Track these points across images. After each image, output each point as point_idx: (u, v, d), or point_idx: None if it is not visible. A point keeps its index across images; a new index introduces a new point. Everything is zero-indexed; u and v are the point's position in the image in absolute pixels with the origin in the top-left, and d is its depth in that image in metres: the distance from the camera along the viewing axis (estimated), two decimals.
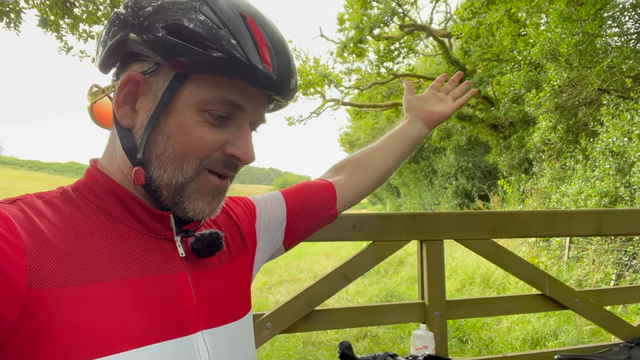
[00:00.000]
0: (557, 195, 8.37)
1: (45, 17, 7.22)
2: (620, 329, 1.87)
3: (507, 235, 1.82)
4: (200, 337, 0.64)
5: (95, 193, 0.64)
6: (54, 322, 0.50)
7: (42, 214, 0.57)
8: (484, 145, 16.24)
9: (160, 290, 0.61)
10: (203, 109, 0.62)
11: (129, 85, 0.63)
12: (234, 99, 0.62)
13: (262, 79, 0.61)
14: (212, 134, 0.63)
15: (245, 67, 0.59)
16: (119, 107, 0.65)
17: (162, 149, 0.62)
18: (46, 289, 0.51)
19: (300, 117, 20.21)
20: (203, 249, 0.68)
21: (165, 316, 0.60)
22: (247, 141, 0.66)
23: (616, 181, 6.57)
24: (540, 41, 8.19)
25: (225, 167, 0.66)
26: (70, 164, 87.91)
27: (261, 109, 0.68)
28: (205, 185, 0.65)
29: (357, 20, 14.04)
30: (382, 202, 40.68)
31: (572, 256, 7.10)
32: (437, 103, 1.19)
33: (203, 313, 0.66)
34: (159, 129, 0.62)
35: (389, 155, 1.11)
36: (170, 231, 0.67)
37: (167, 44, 0.58)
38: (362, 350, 4.36)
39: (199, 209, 0.65)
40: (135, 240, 0.63)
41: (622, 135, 6.55)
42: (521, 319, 4.78)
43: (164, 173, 0.63)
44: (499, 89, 12.51)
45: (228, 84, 0.62)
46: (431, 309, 1.66)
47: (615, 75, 7.54)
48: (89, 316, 0.53)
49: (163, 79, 0.62)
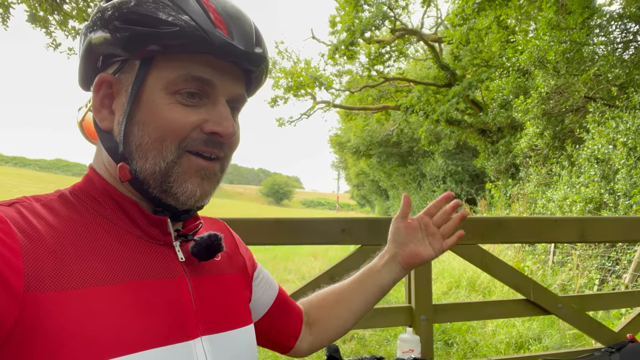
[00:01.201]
0: (542, 200, 8.48)
1: (34, 13, 7.14)
2: (602, 334, 1.91)
3: (494, 241, 1.85)
4: (199, 343, 0.63)
5: (93, 197, 0.64)
6: (51, 325, 0.50)
7: (40, 216, 0.57)
8: (472, 149, 16.38)
9: (159, 294, 0.61)
10: (172, 90, 0.62)
11: (103, 88, 0.65)
12: (199, 74, 0.62)
13: (221, 47, 0.60)
14: (185, 114, 0.62)
15: (199, 37, 0.59)
16: (97, 112, 0.66)
17: (139, 138, 0.62)
18: (44, 292, 0.51)
19: (290, 118, 20.17)
20: (202, 251, 0.68)
21: (163, 321, 0.60)
22: (224, 115, 0.64)
23: (601, 188, 6.68)
24: (529, 48, 8.30)
25: (207, 145, 0.64)
26: (57, 161, 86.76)
27: (233, 82, 0.66)
28: (189, 167, 0.64)
29: (348, 23, 14.07)
30: (370, 205, 40.81)
31: (556, 261, 7.19)
32: (424, 240, 0.98)
33: (202, 319, 0.65)
34: (133, 121, 0.62)
35: (353, 309, 0.98)
36: (168, 236, 0.67)
37: (123, 35, 0.60)
38: (349, 353, 4.37)
39: (189, 191, 0.64)
40: (134, 244, 0.63)
41: (607, 142, 6.66)
42: (506, 323, 4.84)
43: (146, 162, 0.62)
44: (488, 94, 12.63)
45: (191, 61, 0.62)
46: (418, 313, 1.68)
47: (602, 84, 7.67)
48: (86, 320, 0.52)
49: (131, 73, 0.63)
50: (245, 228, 1.52)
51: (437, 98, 14.49)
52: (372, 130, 22.49)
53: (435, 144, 16.63)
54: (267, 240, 1.58)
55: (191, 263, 0.69)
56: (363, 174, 33.45)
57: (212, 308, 0.68)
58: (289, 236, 1.59)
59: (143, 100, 0.62)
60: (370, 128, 22.42)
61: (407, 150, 21.65)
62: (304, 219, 1.61)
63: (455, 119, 14.19)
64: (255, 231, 1.53)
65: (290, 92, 17.97)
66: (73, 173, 75.17)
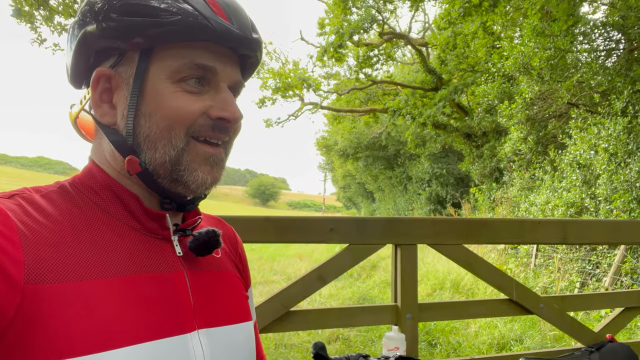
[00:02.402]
0: (525, 204, 8.60)
1: (19, 8, 7.04)
2: (582, 334, 1.96)
3: (478, 242, 1.88)
4: (196, 336, 0.63)
5: (93, 189, 0.64)
6: (49, 317, 0.51)
7: (40, 208, 0.58)
8: (457, 153, 16.56)
9: (156, 288, 0.61)
10: (176, 79, 0.62)
11: (101, 82, 0.65)
12: (202, 61, 0.62)
13: (222, 33, 0.62)
14: (191, 102, 0.63)
15: (200, 25, 0.60)
16: (97, 107, 0.65)
17: (147, 129, 0.62)
18: (43, 283, 0.51)
19: (278, 119, 20.14)
20: (200, 246, 0.68)
21: (160, 314, 0.60)
22: (229, 100, 0.65)
23: (582, 192, 6.81)
24: (514, 54, 8.42)
25: (214, 131, 0.65)
26: (39, 159, 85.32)
27: (233, 68, 0.67)
28: (197, 155, 0.64)
29: (337, 26, 14.11)
30: (356, 207, 40.90)
31: (538, 264, 7.31)
32: None
33: (200, 312, 0.65)
34: (139, 113, 0.62)
35: None
36: (167, 231, 0.67)
37: (122, 26, 0.60)
38: (334, 353, 4.39)
39: (201, 179, 0.64)
40: (132, 238, 0.63)
41: (589, 148, 6.79)
42: (488, 324, 4.90)
43: (156, 152, 0.63)
44: (473, 99, 12.79)
45: (192, 48, 0.62)
46: (403, 312, 1.70)
47: (584, 90, 7.82)
48: (84, 312, 0.53)
49: (131, 65, 0.63)
50: (234, 226, 1.52)
51: (423, 102, 14.62)
52: (359, 132, 22.56)
53: (422, 147, 16.76)
54: (256, 238, 1.59)
55: (189, 258, 0.69)
56: (350, 176, 33.52)
57: (209, 302, 0.68)
58: (277, 234, 1.60)
59: (147, 91, 0.62)
60: (358, 131, 22.50)
61: (394, 154, 21.77)
62: (293, 217, 1.62)
63: (442, 123, 14.33)
64: (245, 229, 1.54)
65: (278, 93, 17.94)
66: (55, 171, 73.94)
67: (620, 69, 7.27)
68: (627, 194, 5.78)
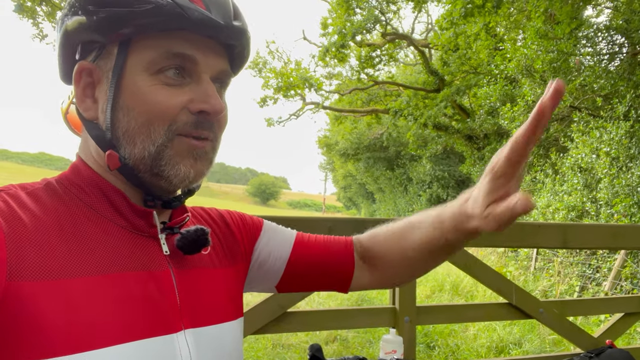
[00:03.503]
0: None
1: (22, 3, 7.04)
2: (581, 340, 1.94)
3: (477, 245, 1.87)
4: (182, 336, 0.63)
5: (79, 186, 0.63)
6: (32, 315, 0.50)
7: (24, 205, 0.57)
8: (458, 155, 16.54)
9: (142, 287, 0.60)
10: (154, 71, 0.60)
11: (83, 77, 0.64)
12: (179, 50, 0.61)
13: (198, 21, 0.59)
14: (169, 96, 0.61)
15: (174, 13, 0.58)
16: (81, 102, 0.65)
17: (125, 124, 0.61)
18: (26, 281, 0.51)
19: (279, 118, 20.16)
20: (188, 245, 0.67)
21: (145, 314, 0.59)
22: (210, 92, 0.63)
23: (583, 196, 6.79)
24: (517, 57, 8.41)
25: (197, 127, 0.63)
26: (40, 155, 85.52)
27: (216, 58, 0.65)
28: (182, 149, 0.62)
29: (340, 26, 14.11)
30: (356, 207, 40.91)
31: (538, 267, 7.29)
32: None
33: (186, 312, 0.65)
34: (118, 107, 0.61)
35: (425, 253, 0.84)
36: (154, 228, 0.66)
37: (98, 18, 0.59)
38: (332, 354, 4.38)
39: (183, 173, 0.62)
40: (119, 235, 0.62)
41: (591, 152, 6.78)
42: (487, 327, 4.89)
43: (134, 147, 0.61)
44: (475, 101, 12.77)
45: (170, 38, 0.60)
46: (401, 314, 1.69)
47: (587, 94, 7.80)
48: (69, 311, 0.52)
49: (110, 58, 0.62)
50: None
51: (425, 103, 14.60)
52: (360, 133, 22.56)
53: (423, 148, 16.75)
54: None
55: (176, 256, 0.68)
56: (350, 177, 33.53)
57: (196, 301, 0.67)
58: None
59: (125, 84, 0.61)
60: (359, 131, 22.50)
61: (395, 155, 21.76)
62: (292, 217, 1.61)
63: (443, 124, 14.32)
64: None
65: (280, 92, 17.95)
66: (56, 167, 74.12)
67: (623, 72, 7.25)
68: (628, 198, 5.77)
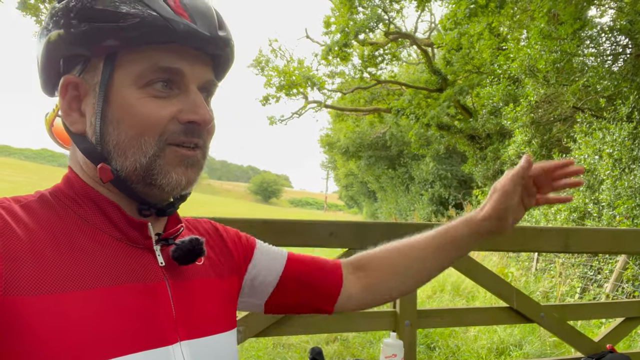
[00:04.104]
0: None
1: (25, 0, 7.05)
2: (582, 344, 1.94)
3: (480, 249, 1.87)
4: (178, 348, 0.63)
5: (73, 199, 0.63)
6: (28, 330, 0.50)
7: (19, 219, 0.56)
8: (461, 155, 16.52)
9: (137, 299, 0.60)
10: (142, 84, 0.61)
11: (69, 90, 0.64)
12: (166, 63, 0.61)
13: (184, 34, 0.60)
14: (158, 108, 0.61)
15: (160, 27, 0.58)
16: (67, 116, 0.65)
17: (115, 137, 0.61)
18: (22, 296, 0.51)
19: (281, 116, 20.16)
20: (183, 255, 0.67)
21: (141, 326, 0.59)
22: (199, 103, 0.64)
23: (585, 197, 6.77)
24: (520, 57, 8.39)
25: (186, 135, 0.63)
26: (43, 151, 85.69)
27: (202, 68, 0.66)
28: (173, 158, 0.63)
29: (343, 24, 14.10)
30: (358, 206, 40.91)
31: (539, 268, 7.28)
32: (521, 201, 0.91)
33: (182, 324, 0.65)
34: (107, 120, 0.61)
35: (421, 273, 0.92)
36: (149, 240, 0.66)
37: (81, 32, 0.59)
38: (332, 354, 4.38)
39: (174, 181, 0.63)
40: (113, 247, 0.62)
41: (593, 153, 6.76)
42: (487, 329, 4.88)
43: (126, 160, 0.61)
44: (478, 101, 12.74)
45: (156, 51, 0.61)
46: (402, 318, 1.69)
47: (590, 95, 7.77)
48: (64, 325, 0.52)
49: (97, 72, 0.62)
50: (233, 227, 1.51)
51: (428, 102, 14.59)
52: (362, 132, 22.55)
53: (425, 147, 16.73)
54: None
55: (171, 267, 0.68)
56: (352, 175, 33.53)
57: (192, 313, 0.67)
58: (276, 237, 1.58)
59: (113, 98, 0.61)
60: (361, 130, 22.49)
61: (397, 154, 21.74)
62: (293, 221, 1.61)
63: (446, 124, 14.30)
64: (243, 231, 1.53)
65: (282, 91, 17.95)
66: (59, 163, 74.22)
67: (627, 73, 7.23)
68: (630, 200, 5.75)
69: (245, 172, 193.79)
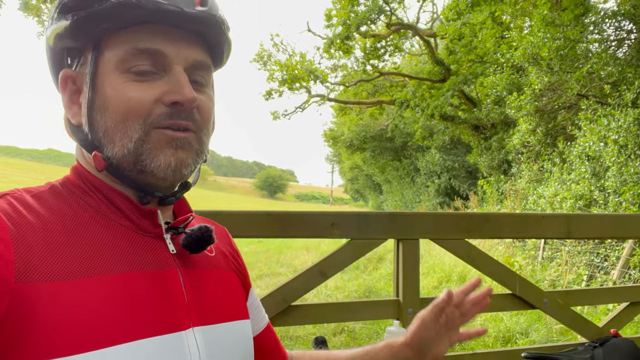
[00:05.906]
0: (533, 196, 8.55)
1: (26, 1, 7.08)
2: (587, 329, 1.94)
3: (480, 236, 1.87)
4: (191, 334, 0.63)
5: (82, 189, 0.65)
6: (40, 316, 0.50)
7: (31, 208, 0.58)
8: (466, 145, 16.46)
9: (150, 286, 0.61)
10: (124, 69, 0.61)
11: (68, 84, 0.66)
12: (145, 45, 0.60)
13: (155, 11, 0.59)
14: (141, 91, 0.61)
15: (130, 5, 0.58)
16: (69, 109, 0.66)
17: (103, 124, 0.62)
18: (34, 282, 0.51)
19: (285, 111, 20.16)
20: (194, 243, 0.67)
21: (154, 312, 0.59)
22: (182, 82, 0.62)
23: (591, 185, 6.74)
24: (523, 45, 8.32)
25: (172, 118, 0.62)
26: (49, 151, 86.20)
27: (188, 47, 0.64)
28: (159, 141, 0.62)
29: (344, 17, 14.04)
30: (364, 199, 40.90)
31: (546, 257, 7.27)
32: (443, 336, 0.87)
33: (194, 310, 0.65)
34: (95, 108, 0.62)
35: None
36: (159, 228, 0.67)
37: (67, 23, 0.60)
38: (339, 345, 4.41)
39: (164, 163, 0.62)
40: (124, 236, 0.63)
41: (599, 140, 6.71)
42: (494, 317, 4.89)
43: (114, 146, 0.61)
44: (482, 90, 12.68)
45: (134, 34, 0.60)
46: (405, 307, 1.70)
47: (595, 81, 7.71)
48: (76, 311, 0.53)
49: (88, 63, 0.63)
50: (235, 220, 1.52)
51: (431, 93, 14.52)
52: (366, 124, 22.51)
53: (430, 139, 16.67)
54: (257, 233, 1.59)
55: (183, 256, 0.68)
56: (357, 168, 33.50)
57: (205, 300, 0.68)
58: (279, 229, 1.60)
59: (99, 85, 0.62)
60: (364, 122, 22.44)
61: (401, 145, 21.70)
62: (294, 212, 1.62)
63: (450, 115, 14.24)
64: (246, 224, 1.54)
65: (285, 85, 17.94)
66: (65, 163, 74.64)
67: (631, 59, 7.16)
68: (636, 186, 5.72)
69: (250, 168, 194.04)
